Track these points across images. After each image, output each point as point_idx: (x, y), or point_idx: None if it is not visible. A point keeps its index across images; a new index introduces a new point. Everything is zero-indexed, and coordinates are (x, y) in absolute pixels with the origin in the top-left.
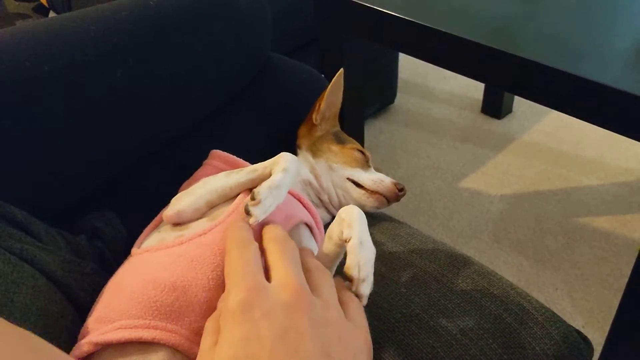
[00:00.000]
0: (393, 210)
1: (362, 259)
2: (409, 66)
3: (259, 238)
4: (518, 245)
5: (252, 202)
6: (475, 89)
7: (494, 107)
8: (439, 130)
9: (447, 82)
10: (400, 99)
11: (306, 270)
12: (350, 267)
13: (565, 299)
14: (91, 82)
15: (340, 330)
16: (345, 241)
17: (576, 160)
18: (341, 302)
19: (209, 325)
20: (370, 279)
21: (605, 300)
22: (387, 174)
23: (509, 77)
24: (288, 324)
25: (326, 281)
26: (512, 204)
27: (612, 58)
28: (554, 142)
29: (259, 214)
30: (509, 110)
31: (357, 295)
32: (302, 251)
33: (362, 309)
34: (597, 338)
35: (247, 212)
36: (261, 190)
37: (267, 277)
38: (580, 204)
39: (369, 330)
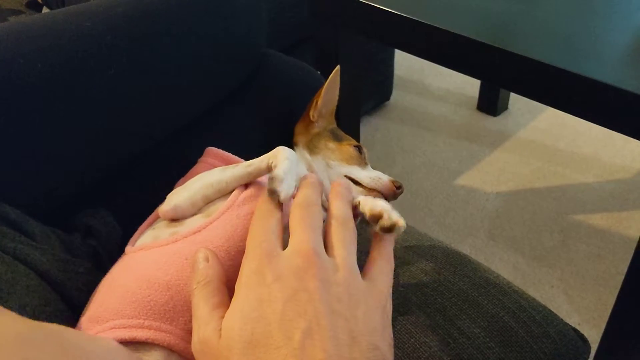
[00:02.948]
0: None
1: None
2: (404, 63)
3: None
4: (514, 242)
5: (273, 180)
6: (471, 86)
7: (490, 104)
8: (434, 128)
9: (443, 79)
10: (396, 96)
11: (328, 226)
12: (373, 207)
13: (561, 296)
14: (85, 80)
15: (351, 289)
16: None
17: (572, 157)
18: (369, 260)
19: (201, 299)
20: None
21: (601, 298)
22: (383, 172)
23: (505, 74)
24: (298, 286)
25: (345, 239)
26: (507, 202)
27: (609, 55)
28: (549, 140)
29: (284, 190)
30: (505, 108)
31: (393, 226)
32: (334, 199)
33: (389, 267)
34: (593, 335)
35: (272, 193)
36: (278, 173)
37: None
38: (576, 201)
39: (390, 289)
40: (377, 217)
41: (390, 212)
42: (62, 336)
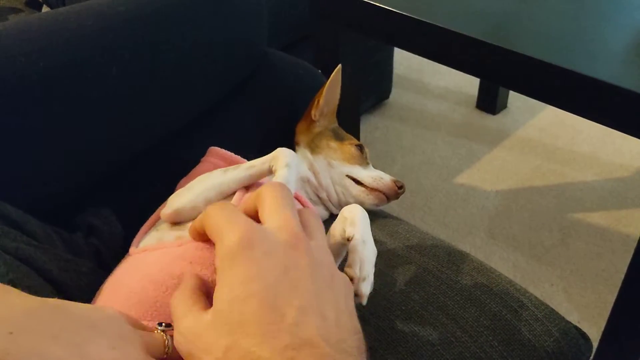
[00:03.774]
0: (388, 206)
1: (363, 258)
2: (404, 61)
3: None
4: (513, 241)
5: (277, 182)
6: (470, 84)
7: (489, 102)
8: (434, 126)
9: (442, 77)
10: (395, 94)
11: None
12: (352, 265)
13: (561, 294)
14: (87, 79)
15: (333, 272)
16: (348, 239)
17: (571, 156)
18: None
19: (179, 299)
20: (370, 278)
21: (600, 296)
22: (383, 170)
23: (505, 73)
24: (289, 262)
25: (319, 227)
26: (507, 200)
27: (609, 54)
28: (548, 138)
29: None
30: (504, 106)
31: (357, 295)
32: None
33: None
34: (593, 334)
35: None
36: (277, 179)
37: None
38: (575, 199)
39: None
40: (349, 277)
41: (359, 283)
42: (68, 309)
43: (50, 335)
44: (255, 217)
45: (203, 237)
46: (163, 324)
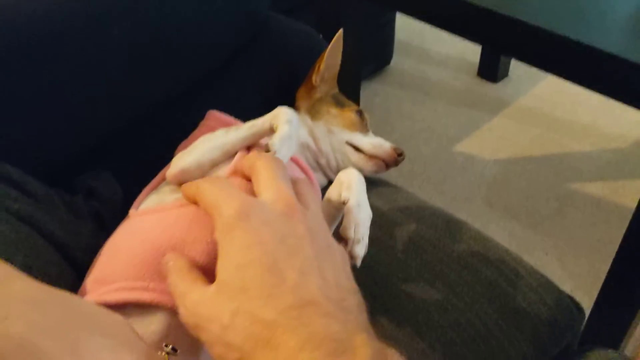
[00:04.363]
0: (388, 174)
1: (358, 220)
2: (405, 27)
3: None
4: (510, 209)
5: (273, 144)
6: (471, 52)
7: (491, 70)
8: (434, 93)
9: (443, 44)
10: (396, 60)
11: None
12: (347, 227)
13: (555, 263)
14: (87, 40)
15: (328, 240)
16: (343, 203)
17: (570, 125)
18: None
19: (177, 279)
20: (365, 241)
21: (594, 265)
22: (381, 137)
23: (507, 41)
24: (286, 230)
25: (314, 197)
26: (505, 169)
27: (611, 24)
28: (548, 107)
29: (283, 154)
30: (505, 74)
31: (351, 256)
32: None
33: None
34: (586, 302)
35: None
36: (274, 141)
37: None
38: (573, 169)
39: None
40: (344, 239)
41: (353, 245)
42: (73, 304)
43: (45, 327)
44: (245, 184)
45: (193, 203)
46: (170, 347)
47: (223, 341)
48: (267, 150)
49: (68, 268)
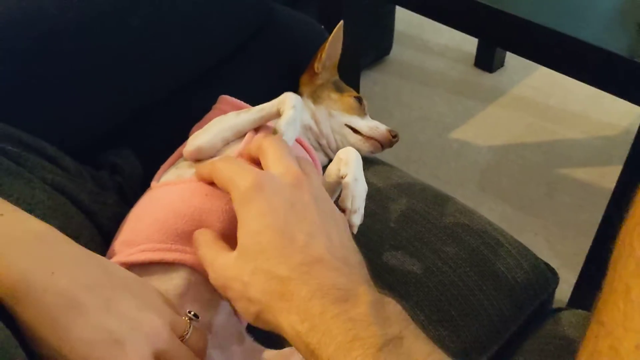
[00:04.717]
0: (385, 158)
1: (355, 193)
2: (405, 18)
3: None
4: (502, 193)
5: (279, 127)
6: (469, 42)
7: (487, 60)
8: (432, 83)
9: (442, 34)
10: (395, 50)
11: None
12: (345, 199)
13: (543, 243)
14: (111, 30)
15: (332, 206)
16: (342, 177)
17: (562, 114)
18: None
19: (205, 249)
20: (361, 211)
21: (580, 245)
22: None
23: (498, 33)
24: (294, 198)
25: (315, 172)
26: (498, 155)
27: (596, 17)
28: (542, 97)
29: (288, 136)
30: (501, 64)
31: (349, 225)
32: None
33: None
34: (571, 279)
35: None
36: (281, 124)
37: None
38: (563, 156)
39: None
40: (342, 209)
41: (351, 214)
42: (109, 267)
43: (85, 284)
44: (256, 163)
45: (209, 182)
46: (192, 313)
47: (245, 296)
48: (275, 132)
49: (96, 233)
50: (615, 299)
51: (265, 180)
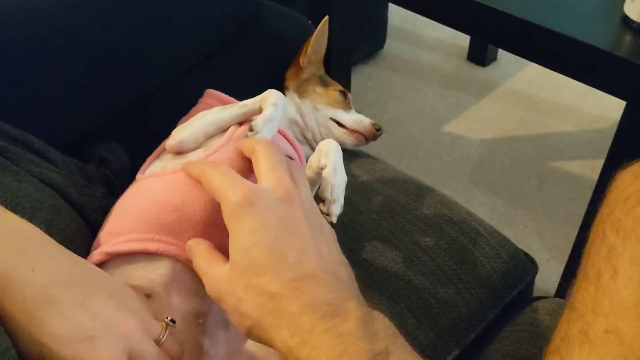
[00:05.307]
0: (377, 152)
1: (334, 183)
2: (399, 12)
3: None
4: (493, 186)
5: (251, 133)
6: (462, 36)
7: (479, 54)
8: (425, 77)
9: (435, 29)
10: (389, 44)
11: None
12: (324, 189)
13: (533, 235)
14: (100, 27)
15: (321, 220)
16: (322, 168)
17: (554, 107)
18: None
19: (200, 260)
20: (340, 201)
21: (570, 237)
22: (374, 118)
23: (487, 29)
24: (285, 214)
25: (303, 178)
26: (490, 148)
27: (581, 13)
28: (534, 90)
29: (264, 132)
30: (494, 58)
31: (328, 214)
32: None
33: None
34: (560, 270)
35: (252, 130)
36: (257, 122)
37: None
38: (555, 148)
39: None
40: (321, 199)
41: (330, 204)
42: (90, 267)
43: (63, 281)
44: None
45: (197, 182)
46: (169, 318)
47: (238, 311)
48: (251, 129)
49: (84, 225)
50: (586, 284)
51: (255, 195)
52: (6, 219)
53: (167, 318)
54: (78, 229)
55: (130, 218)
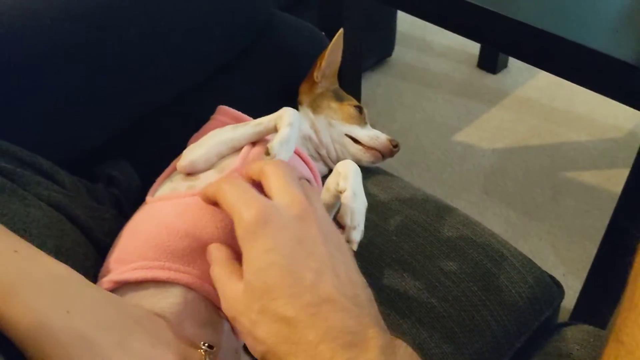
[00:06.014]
0: (387, 162)
1: (354, 209)
2: (407, 19)
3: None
4: (507, 197)
5: (268, 157)
6: (472, 43)
7: (490, 62)
8: (435, 84)
9: (444, 35)
10: (398, 52)
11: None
12: (344, 215)
13: (549, 248)
14: (106, 41)
15: (337, 238)
16: (340, 192)
17: (567, 116)
18: None
19: (218, 271)
20: (360, 227)
21: (586, 251)
22: (383, 127)
23: (500, 38)
24: (301, 233)
25: (317, 197)
26: (503, 158)
27: (598, 22)
28: (546, 98)
29: (282, 154)
30: (504, 66)
31: (348, 241)
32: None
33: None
34: (577, 285)
35: (268, 154)
36: (274, 145)
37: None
38: (568, 158)
39: None
40: (341, 225)
41: (350, 231)
42: (122, 304)
43: (99, 323)
44: (256, 184)
45: (212, 203)
46: (206, 344)
47: (252, 335)
48: (267, 153)
49: (92, 249)
50: (635, 316)
51: (270, 213)
52: (35, 257)
53: (203, 344)
54: (86, 254)
55: (138, 244)
